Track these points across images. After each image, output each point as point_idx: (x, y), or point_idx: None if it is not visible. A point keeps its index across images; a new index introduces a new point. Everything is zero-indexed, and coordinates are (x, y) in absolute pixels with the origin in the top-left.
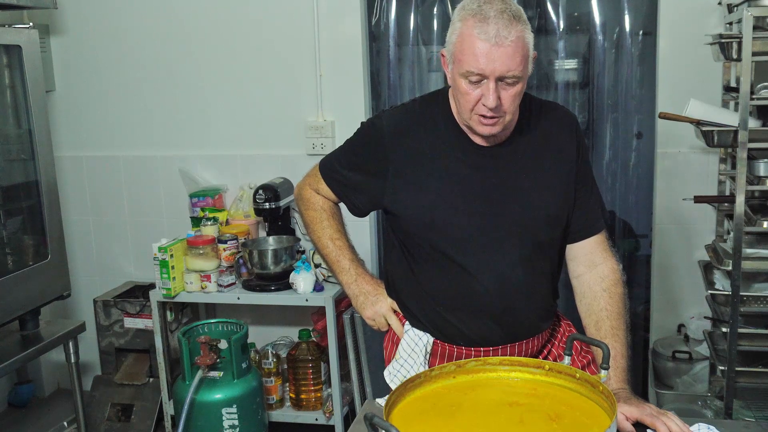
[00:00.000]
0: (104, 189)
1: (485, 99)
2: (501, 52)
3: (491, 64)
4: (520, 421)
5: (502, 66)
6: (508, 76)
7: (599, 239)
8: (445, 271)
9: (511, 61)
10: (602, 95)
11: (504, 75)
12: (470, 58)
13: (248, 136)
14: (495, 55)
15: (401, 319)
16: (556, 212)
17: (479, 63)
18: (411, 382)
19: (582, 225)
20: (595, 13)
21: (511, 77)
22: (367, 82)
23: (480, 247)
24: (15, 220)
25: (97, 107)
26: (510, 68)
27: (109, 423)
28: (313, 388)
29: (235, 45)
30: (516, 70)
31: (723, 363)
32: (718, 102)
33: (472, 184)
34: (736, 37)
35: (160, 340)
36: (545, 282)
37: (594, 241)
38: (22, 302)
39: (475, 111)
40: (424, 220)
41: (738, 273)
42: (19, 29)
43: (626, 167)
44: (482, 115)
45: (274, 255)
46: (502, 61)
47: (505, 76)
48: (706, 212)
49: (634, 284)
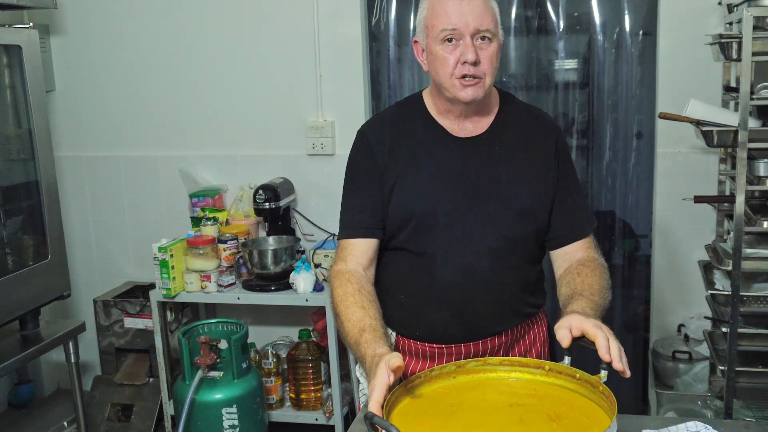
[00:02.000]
0: (104, 189)
1: (465, 55)
2: (471, 6)
3: (464, 17)
4: (520, 422)
5: (475, 20)
6: (482, 29)
7: (585, 243)
8: (412, 259)
9: (483, 15)
10: (602, 95)
11: (478, 29)
12: (443, 18)
13: (248, 136)
14: (466, 9)
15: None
16: (530, 207)
17: (452, 19)
18: (411, 382)
19: (566, 230)
20: (595, 13)
21: (486, 31)
22: (367, 82)
23: (449, 235)
24: (15, 220)
25: (97, 107)
26: (482, 22)
27: (109, 423)
28: (313, 388)
29: (235, 45)
30: (489, 24)
31: (723, 363)
32: (718, 102)
33: (447, 173)
34: (736, 37)
35: (160, 340)
36: (513, 278)
37: (578, 244)
38: (22, 302)
39: (455, 74)
40: (402, 212)
41: (738, 273)
42: (19, 29)
43: (626, 167)
44: (463, 76)
45: (274, 255)
46: (474, 15)
47: (479, 29)
48: (706, 212)
49: (634, 284)
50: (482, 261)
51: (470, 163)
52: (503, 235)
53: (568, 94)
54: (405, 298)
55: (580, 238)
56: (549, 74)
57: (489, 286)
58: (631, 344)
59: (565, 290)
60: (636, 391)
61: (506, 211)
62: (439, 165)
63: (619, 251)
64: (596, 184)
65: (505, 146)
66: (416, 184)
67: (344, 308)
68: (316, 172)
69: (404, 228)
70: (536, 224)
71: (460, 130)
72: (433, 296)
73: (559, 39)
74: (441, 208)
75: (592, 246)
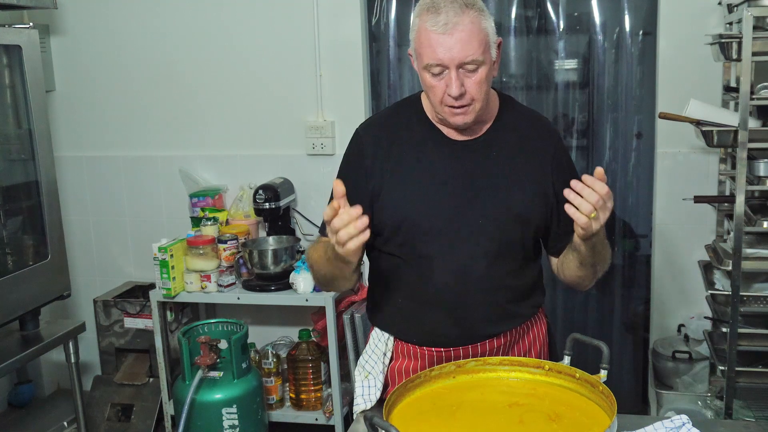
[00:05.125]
0: (104, 189)
1: (449, 89)
2: (455, 39)
3: (447, 52)
4: (520, 422)
5: (459, 53)
6: (467, 61)
7: None
8: (408, 262)
9: (467, 47)
10: (602, 95)
11: (463, 61)
12: (428, 50)
13: (248, 136)
14: (449, 44)
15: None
16: (525, 212)
17: (436, 53)
18: (411, 382)
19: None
20: (595, 13)
21: (471, 62)
22: (367, 82)
23: (445, 238)
24: (15, 220)
25: (97, 107)
26: (467, 54)
27: (109, 423)
28: (313, 388)
29: (235, 45)
30: (474, 55)
31: (723, 363)
32: (718, 102)
33: (443, 176)
34: (736, 37)
35: (160, 340)
36: (508, 281)
37: None
38: (22, 302)
39: (444, 102)
40: (397, 215)
41: (738, 273)
42: (19, 29)
43: (626, 167)
44: (451, 106)
45: (274, 255)
46: (457, 49)
47: (464, 62)
48: (706, 212)
49: (634, 284)
50: (477, 264)
51: (466, 166)
52: (498, 238)
53: (568, 94)
54: (402, 302)
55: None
56: (549, 74)
57: (484, 289)
58: (631, 344)
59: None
60: (636, 391)
61: (501, 215)
62: (435, 167)
63: (619, 251)
64: None
65: (502, 150)
66: (412, 186)
67: (314, 251)
68: (316, 172)
69: (399, 230)
70: (532, 228)
71: (458, 134)
72: (429, 299)
73: (559, 39)
74: (436, 210)
75: None
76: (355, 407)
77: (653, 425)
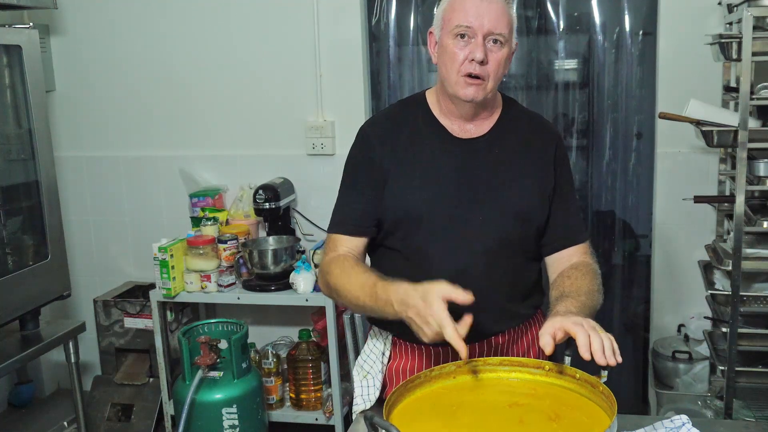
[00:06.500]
0: (104, 189)
1: (473, 53)
2: (489, 8)
3: (480, 18)
4: (520, 422)
5: (490, 22)
6: (495, 33)
7: (580, 249)
8: (408, 258)
9: (499, 19)
10: (602, 95)
11: (492, 31)
12: (460, 13)
13: (248, 136)
14: (483, 10)
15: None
16: (527, 210)
17: (468, 16)
18: (411, 382)
19: (560, 236)
20: (595, 13)
21: (498, 35)
22: (367, 82)
23: (446, 235)
24: (15, 220)
25: (97, 107)
26: (497, 26)
27: (109, 423)
28: (313, 388)
29: (235, 45)
30: (503, 29)
31: (723, 363)
32: (718, 102)
33: (446, 174)
34: (736, 37)
35: (160, 340)
36: (508, 280)
37: (573, 249)
38: (22, 302)
39: (461, 71)
40: (399, 211)
41: (738, 273)
42: (19, 29)
43: (626, 167)
44: (468, 74)
45: (274, 255)
46: (490, 17)
47: (492, 32)
48: (706, 212)
49: (634, 284)
50: (477, 262)
51: (469, 165)
52: (498, 237)
53: (568, 94)
54: None
55: (574, 244)
56: (549, 74)
57: (484, 287)
58: (631, 344)
59: (554, 293)
60: (636, 391)
61: (502, 214)
62: (437, 165)
63: (619, 251)
64: (596, 184)
65: (504, 149)
66: (414, 184)
67: (347, 278)
68: (316, 172)
69: (400, 226)
70: (532, 228)
71: (462, 132)
72: None
73: (559, 39)
74: (437, 207)
75: (588, 252)
76: (354, 407)
77: (653, 425)
